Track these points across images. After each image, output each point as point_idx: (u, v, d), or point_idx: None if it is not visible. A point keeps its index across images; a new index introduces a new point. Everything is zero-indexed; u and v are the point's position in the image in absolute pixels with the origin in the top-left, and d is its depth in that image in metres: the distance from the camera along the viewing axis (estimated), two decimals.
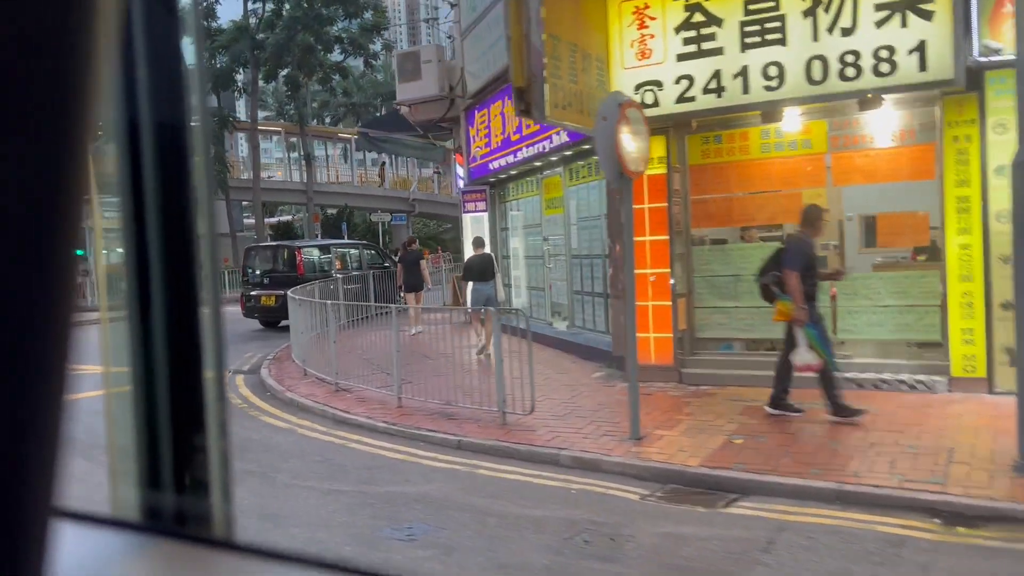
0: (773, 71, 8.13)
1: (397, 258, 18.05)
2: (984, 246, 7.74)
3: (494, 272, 13.10)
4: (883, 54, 7.63)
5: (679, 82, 8.60)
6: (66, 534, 0.53)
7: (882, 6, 7.59)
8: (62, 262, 0.46)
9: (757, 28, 8.20)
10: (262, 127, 42.60)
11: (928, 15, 7.44)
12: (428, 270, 17.40)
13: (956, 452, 6.25)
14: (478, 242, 13.57)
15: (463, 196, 16.98)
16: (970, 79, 7.47)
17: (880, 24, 7.63)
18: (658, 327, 9.28)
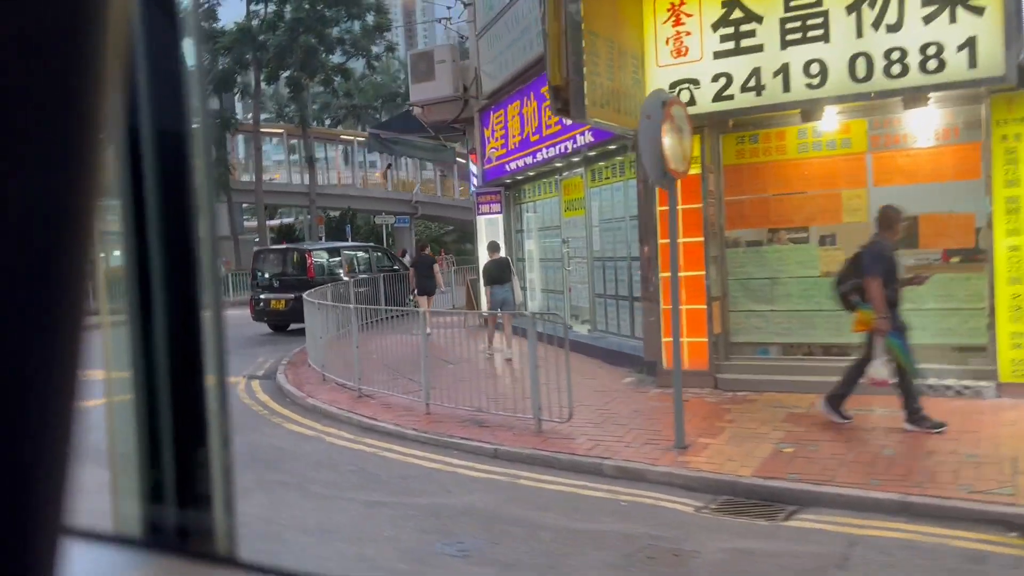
0: (815, 69, 7.92)
1: (410, 262, 17.85)
2: None
3: (510, 275, 12.97)
4: (931, 51, 7.42)
5: (716, 80, 8.39)
6: (70, 551, 0.52)
7: (930, 1, 7.38)
8: (72, 267, 0.46)
9: (798, 25, 7.99)
10: (264, 129, 42.36)
11: (978, 11, 7.23)
12: (440, 274, 17.28)
13: (1020, 461, 6.03)
14: (493, 246, 13.41)
15: (477, 198, 16.76)
16: (1021, 76, 7.26)
17: (928, 20, 7.43)
18: (692, 331, 9.05)
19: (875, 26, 7.64)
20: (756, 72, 8.19)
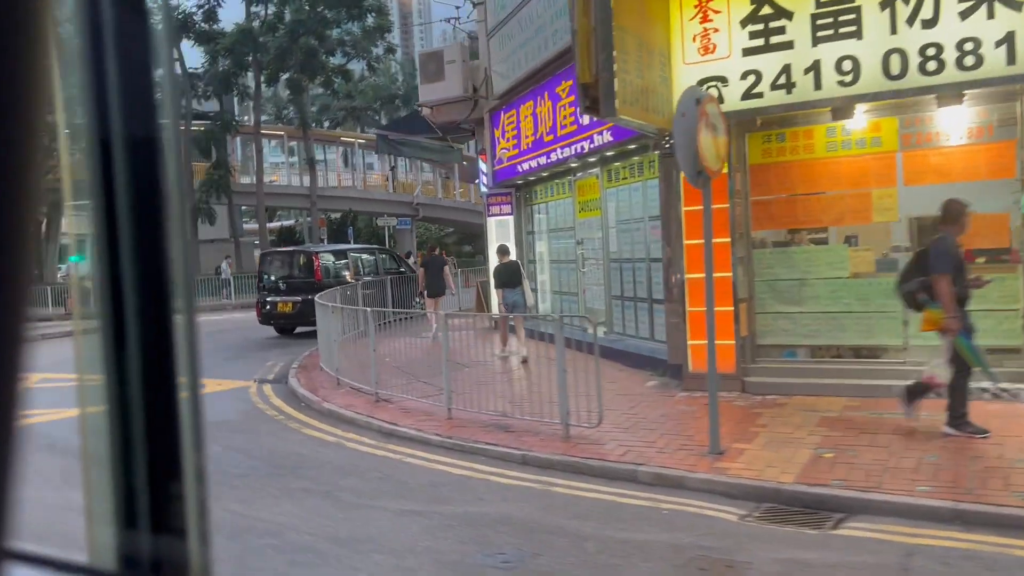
0: (847, 65, 7.77)
1: (420, 263, 17.69)
2: None
3: (521, 278, 12.83)
4: (967, 47, 7.27)
5: (745, 77, 8.23)
6: None
7: None
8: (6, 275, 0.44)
9: (830, 21, 7.83)
10: (264, 131, 42.14)
11: (1017, 5, 7.09)
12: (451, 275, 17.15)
13: None
14: (503, 250, 13.29)
15: (487, 199, 16.58)
16: None
17: (964, 15, 7.27)
18: (719, 333, 8.81)
19: (909, 22, 7.49)
20: (786, 69, 8.03)
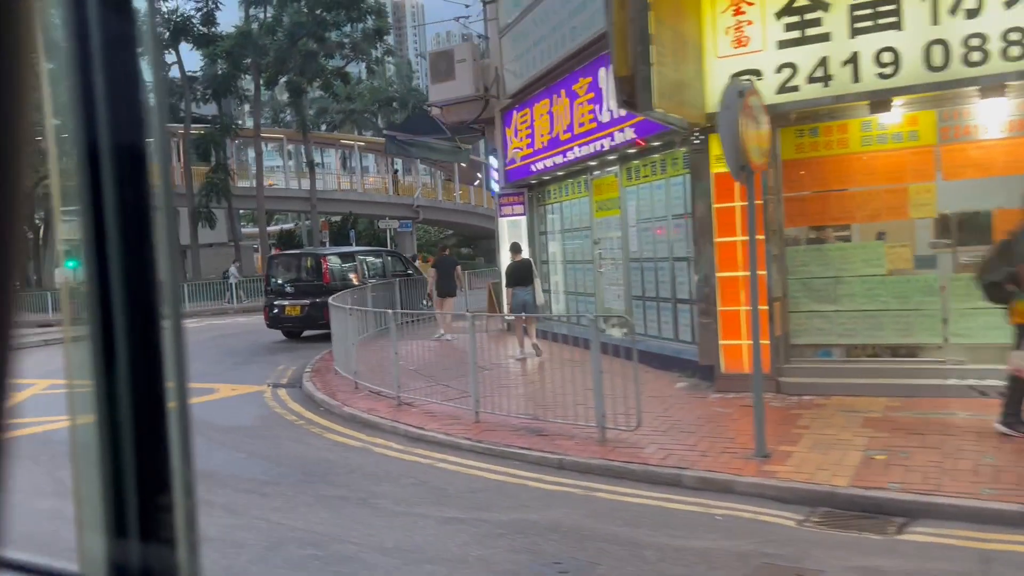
0: (887, 57, 7.58)
1: (432, 264, 17.52)
2: None
3: (533, 277, 12.69)
4: (1013, 36, 7.09)
5: (780, 71, 8.04)
6: None
7: None
8: None
9: (869, 12, 7.65)
10: (264, 134, 41.89)
11: None
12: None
13: None
14: (515, 248, 13.23)
15: (499, 200, 16.38)
16: None
17: (1009, 4, 7.10)
18: (752, 333, 8.66)
19: (952, 12, 7.31)
20: (823, 62, 7.85)
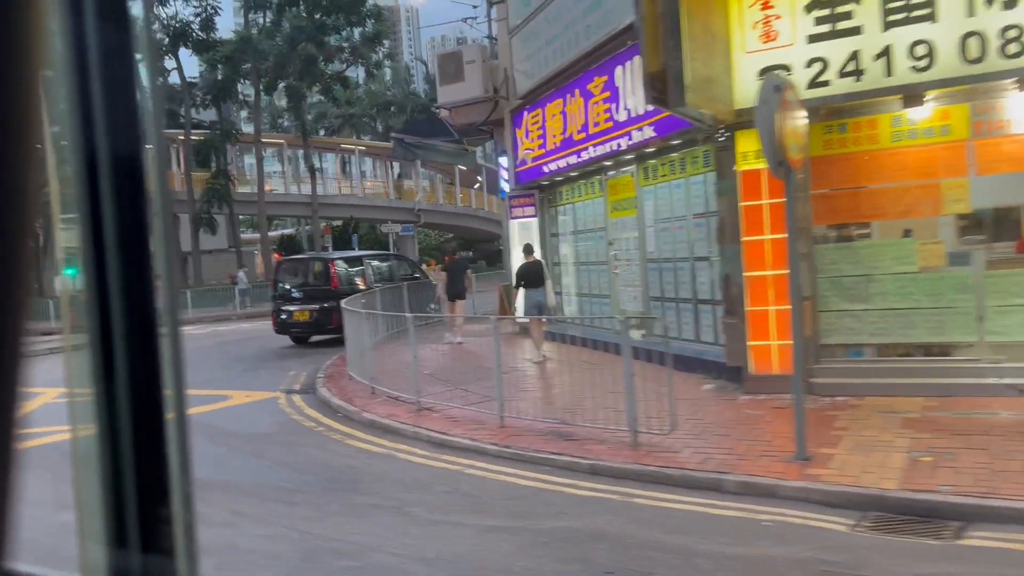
0: (921, 50, 7.44)
1: (442, 267, 17.38)
2: None
3: (544, 279, 12.55)
4: None
5: (811, 66, 7.89)
6: None
7: None
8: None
9: (902, 4, 7.50)
10: (264, 139, 41.72)
11: None
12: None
13: None
14: (528, 249, 13.11)
15: (510, 201, 16.22)
16: None
17: None
18: (781, 333, 8.52)
19: (988, 3, 7.16)
20: (855, 56, 7.70)
